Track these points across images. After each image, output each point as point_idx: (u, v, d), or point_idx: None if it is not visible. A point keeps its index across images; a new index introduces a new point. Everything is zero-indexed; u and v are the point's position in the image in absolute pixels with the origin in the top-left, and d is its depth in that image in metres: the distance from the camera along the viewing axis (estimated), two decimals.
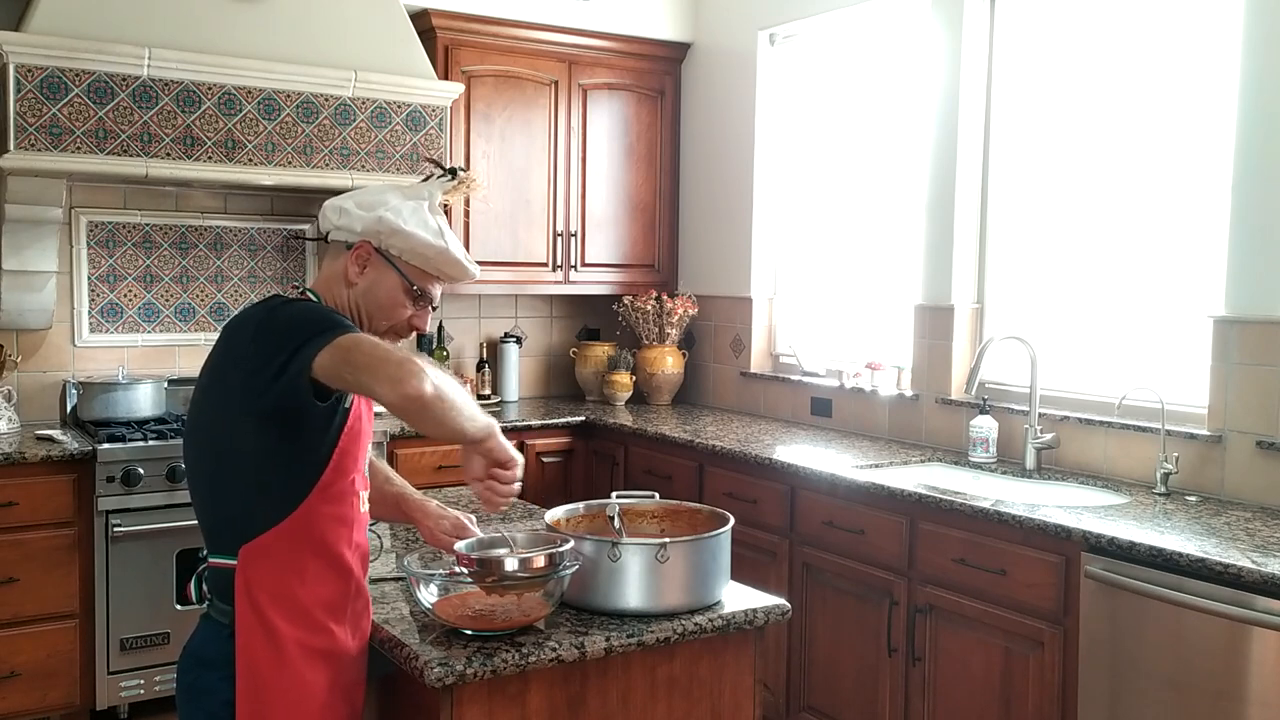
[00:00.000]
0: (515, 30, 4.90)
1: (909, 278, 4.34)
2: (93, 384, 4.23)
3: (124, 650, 3.81)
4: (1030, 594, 3.01)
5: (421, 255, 1.97)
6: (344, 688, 1.93)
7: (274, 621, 1.84)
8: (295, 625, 1.85)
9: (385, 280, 1.97)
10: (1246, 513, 3.09)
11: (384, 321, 1.99)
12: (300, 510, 1.85)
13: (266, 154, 4.09)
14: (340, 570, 1.91)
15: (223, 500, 1.88)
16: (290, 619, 1.85)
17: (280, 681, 1.84)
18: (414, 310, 2.01)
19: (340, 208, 1.98)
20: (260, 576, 1.84)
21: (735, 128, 5.11)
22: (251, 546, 1.84)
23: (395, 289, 1.98)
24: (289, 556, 1.85)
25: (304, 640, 1.86)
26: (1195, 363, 3.40)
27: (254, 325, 1.85)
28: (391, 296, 1.98)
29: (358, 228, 1.95)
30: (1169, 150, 3.56)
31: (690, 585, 2.08)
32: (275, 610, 1.84)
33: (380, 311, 1.98)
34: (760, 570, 3.79)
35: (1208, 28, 3.43)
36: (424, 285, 2.00)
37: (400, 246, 1.96)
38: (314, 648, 1.87)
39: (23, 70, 3.65)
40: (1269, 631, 2.48)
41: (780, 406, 4.87)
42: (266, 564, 1.84)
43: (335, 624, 1.90)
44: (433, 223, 1.99)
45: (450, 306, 5.22)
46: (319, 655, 1.88)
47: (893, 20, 4.47)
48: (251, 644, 1.84)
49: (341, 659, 1.92)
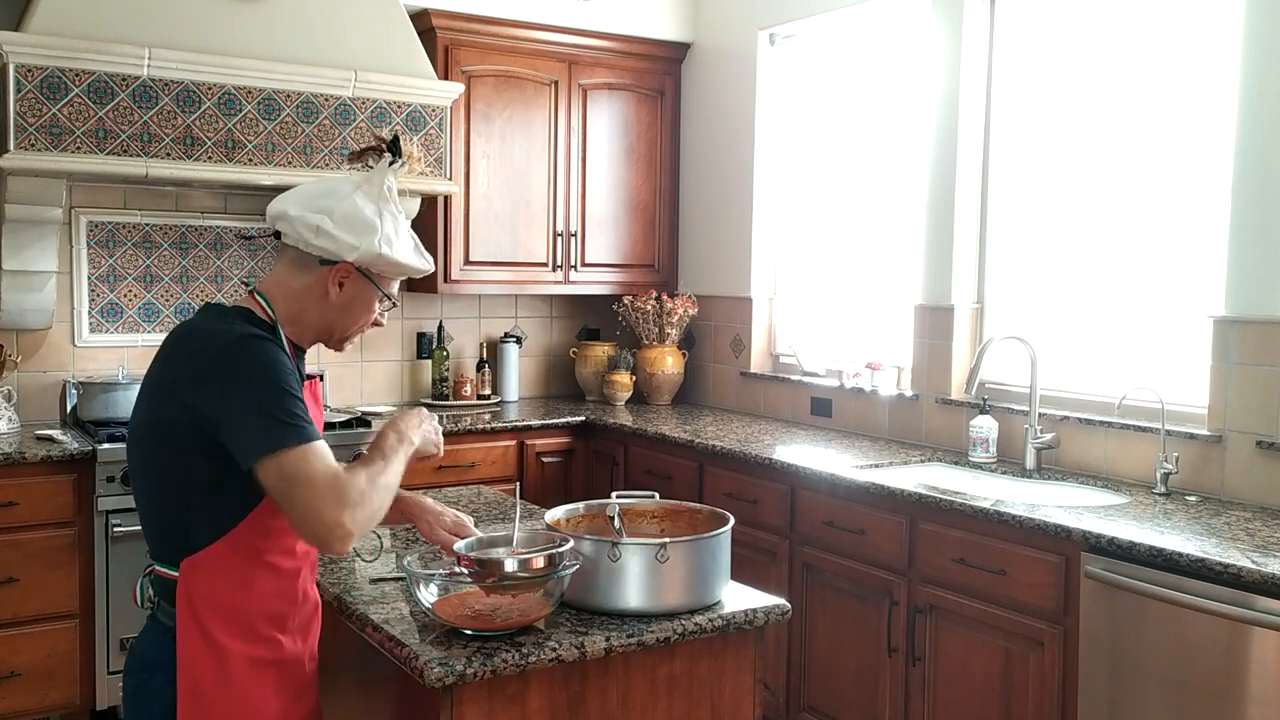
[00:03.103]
0: (515, 30, 4.90)
1: (909, 278, 4.34)
2: (93, 384, 4.23)
3: (124, 650, 3.80)
4: (1030, 594, 3.01)
5: (404, 273, 2.04)
6: (294, 691, 1.94)
7: (216, 636, 1.84)
8: (239, 639, 1.85)
9: (362, 294, 2.01)
10: (1246, 513, 3.09)
11: (353, 328, 2.05)
12: (242, 525, 1.84)
13: (266, 154, 4.09)
14: (286, 579, 1.92)
15: (164, 512, 1.87)
16: (234, 633, 1.85)
17: (226, 694, 1.84)
18: (379, 313, 2.08)
19: (318, 227, 1.92)
20: (202, 589, 1.83)
21: (735, 128, 5.11)
22: (193, 560, 1.83)
23: (370, 299, 2.03)
24: (232, 570, 1.85)
25: (248, 653, 1.86)
26: (1195, 363, 3.40)
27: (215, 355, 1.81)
28: (366, 306, 2.04)
29: (349, 256, 1.93)
30: (1169, 150, 3.56)
31: (690, 585, 2.08)
32: (217, 624, 1.84)
33: (352, 320, 2.04)
34: (760, 570, 3.79)
35: (1208, 28, 3.43)
36: (392, 291, 2.08)
37: (385, 269, 2.00)
38: (260, 659, 1.88)
39: (23, 70, 3.66)
40: (1269, 631, 2.48)
41: (780, 406, 4.87)
42: (208, 577, 1.83)
43: (281, 634, 1.91)
44: (410, 235, 2.05)
45: (450, 306, 5.22)
46: (266, 665, 1.89)
47: (893, 20, 4.47)
48: (193, 656, 1.83)
49: (289, 666, 1.93)
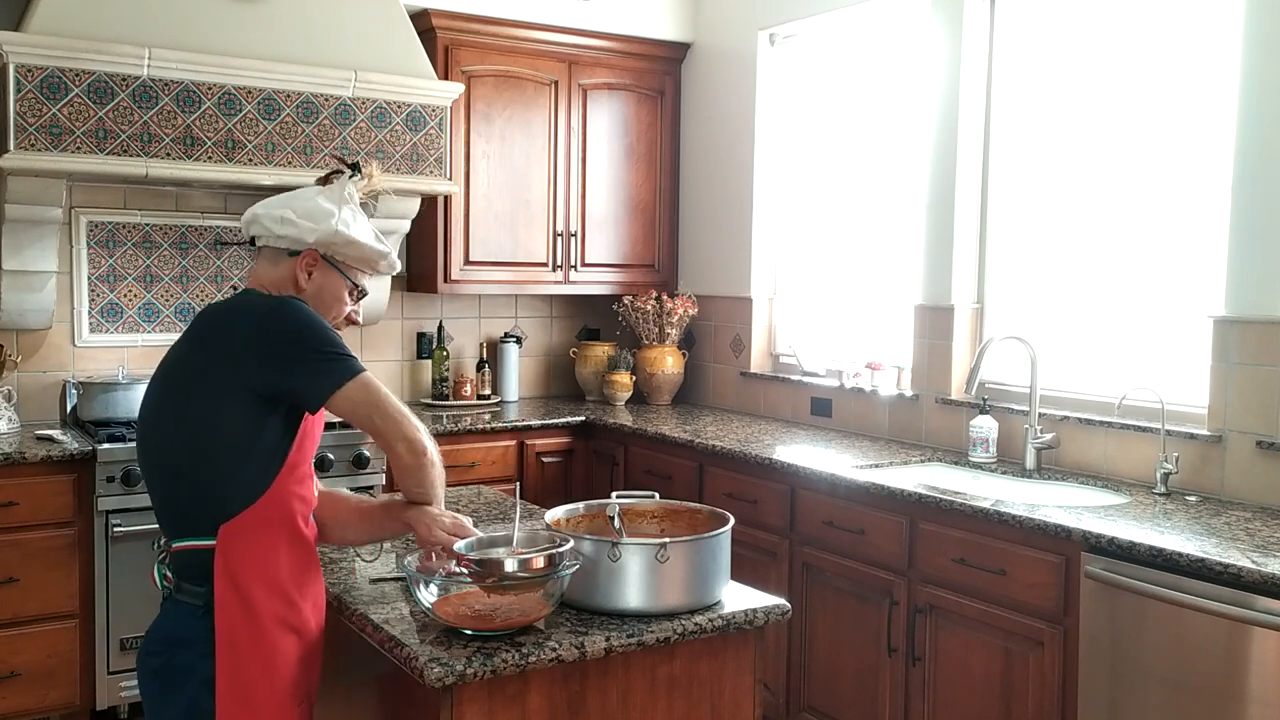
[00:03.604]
0: (515, 30, 4.90)
1: (909, 278, 4.34)
2: (93, 384, 4.23)
3: (124, 650, 3.81)
4: (1030, 594, 3.01)
5: (365, 259, 2.15)
6: (307, 660, 2.03)
7: (253, 596, 1.95)
8: (272, 599, 1.97)
9: (330, 283, 2.12)
10: (1246, 513, 3.09)
11: (327, 319, 2.11)
12: (273, 489, 1.97)
13: (266, 154, 4.09)
14: (305, 547, 2.05)
15: (200, 483, 1.96)
16: (268, 592, 1.97)
17: (259, 653, 1.95)
18: (351, 305, 2.18)
19: (282, 218, 2.08)
20: (240, 554, 1.95)
21: (735, 128, 5.11)
22: (231, 525, 1.94)
23: (339, 289, 2.14)
24: (264, 533, 1.97)
25: (278, 613, 1.98)
26: (1195, 363, 3.40)
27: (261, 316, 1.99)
28: (335, 295, 2.14)
29: (309, 239, 2.08)
30: (1169, 151, 3.56)
31: (690, 585, 2.08)
32: (255, 585, 1.95)
33: (324, 310, 2.11)
34: (760, 570, 3.79)
35: (1208, 28, 3.43)
36: (361, 281, 2.18)
37: (347, 253, 2.12)
38: (286, 620, 1.99)
39: (23, 70, 3.66)
40: (1269, 631, 2.48)
41: (780, 406, 4.87)
42: (245, 541, 1.95)
43: (301, 598, 2.03)
44: (370, 226, 2.17)
45: (450, 306, 5.23)
46: (290, 628, 2.00)
47: (893, 20, 4.47)
48: (231, 621, 1.94)
49: (304, 634, 2.03)
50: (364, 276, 2.17)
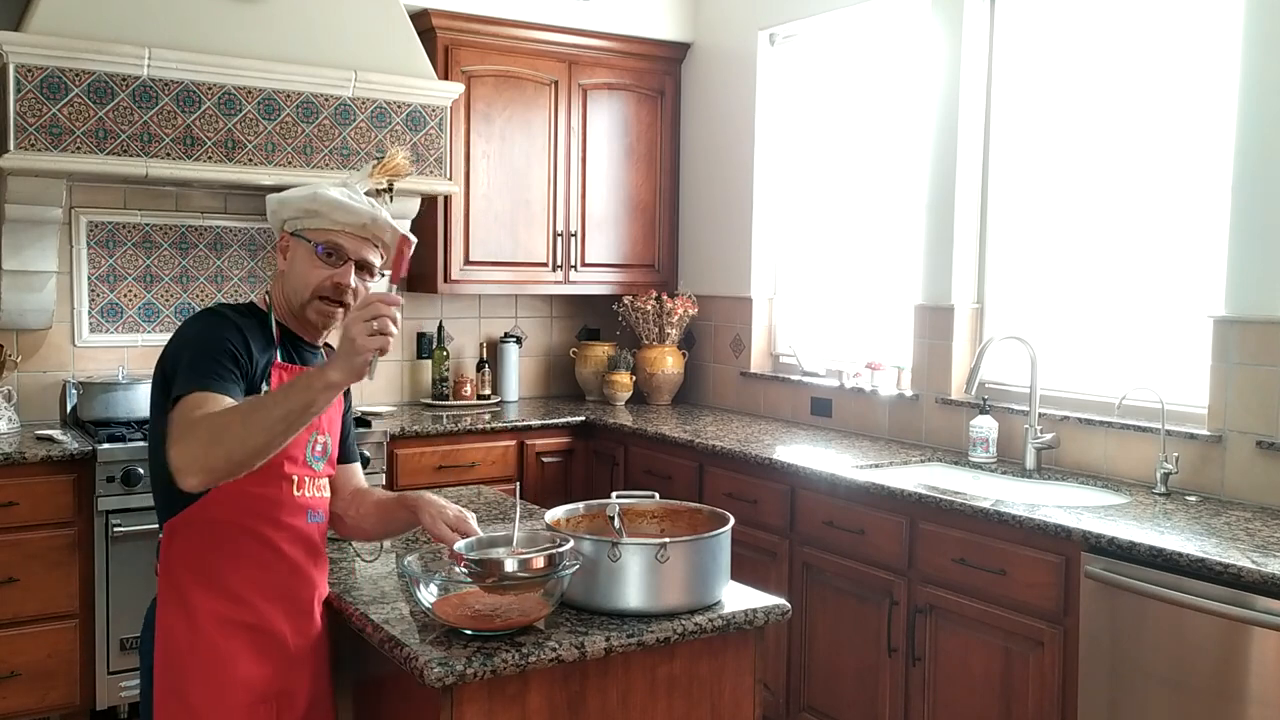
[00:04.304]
0: (515, 30, 4.90)
1: (909, 278, 4.34)
2: (93, 384, 4.23)
3: (124, 650, 3.80)
4: (1030, 594, 3.01)
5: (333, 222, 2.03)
6: (275, 663, 2.00)
7: (189, 593, 1.96)
8: (213, 597, 1.96)
9: (300, 252, 2.07)
10: (1246, 513, 3.09)
11: (306, 292, 2.06)
12: (222, 488, 1.91)
13: (266, 154, 4.09)
14: (268, 548, 2.01)
15: (155, 478, 2.02)
16: (207, 591, 1.96)
17: (195, 649, 1.95)
18: (330, 270, 2.04)
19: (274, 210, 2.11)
20: (181, 549, 1.98)
21: (735, 128, 5.11)
22: (174, 521, 1.98)
23: (307, 256, 2.05)
24: (211, 531, 1.97)
25: (221, 612, 1.96)
26: (1195, 363, 3.40)
27: (179, 327, 2.05)
28: (305, 264, 2.05)
29: (275, 224, 2.10)
30: (1169, 151, 3.56)
31: (690, 585, 2.08)
32: (192, 582, 1.96)
33: (301, 284, 2.06)
34: (760, 570, 3.79)
35: (1208, 28, 3.43)
36: (330, 240, 2.04)
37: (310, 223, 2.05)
38: (229, 618, 1.97)
39: (23, 70, 3.65)
40: (1269, 631, 2.48)
41: (780, 406, 4.87)
42: (184, 537, 1.98)
43: (263, 600, 2.00)
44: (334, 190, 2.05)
45: (450, 306, 5.22)
46: (236, 626, 1.97)
47: (893, 20, 4.47)
48: (168, 616, 1.97)
49: (265, 634, 2.00)
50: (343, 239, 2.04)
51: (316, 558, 2.10)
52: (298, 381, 1.80)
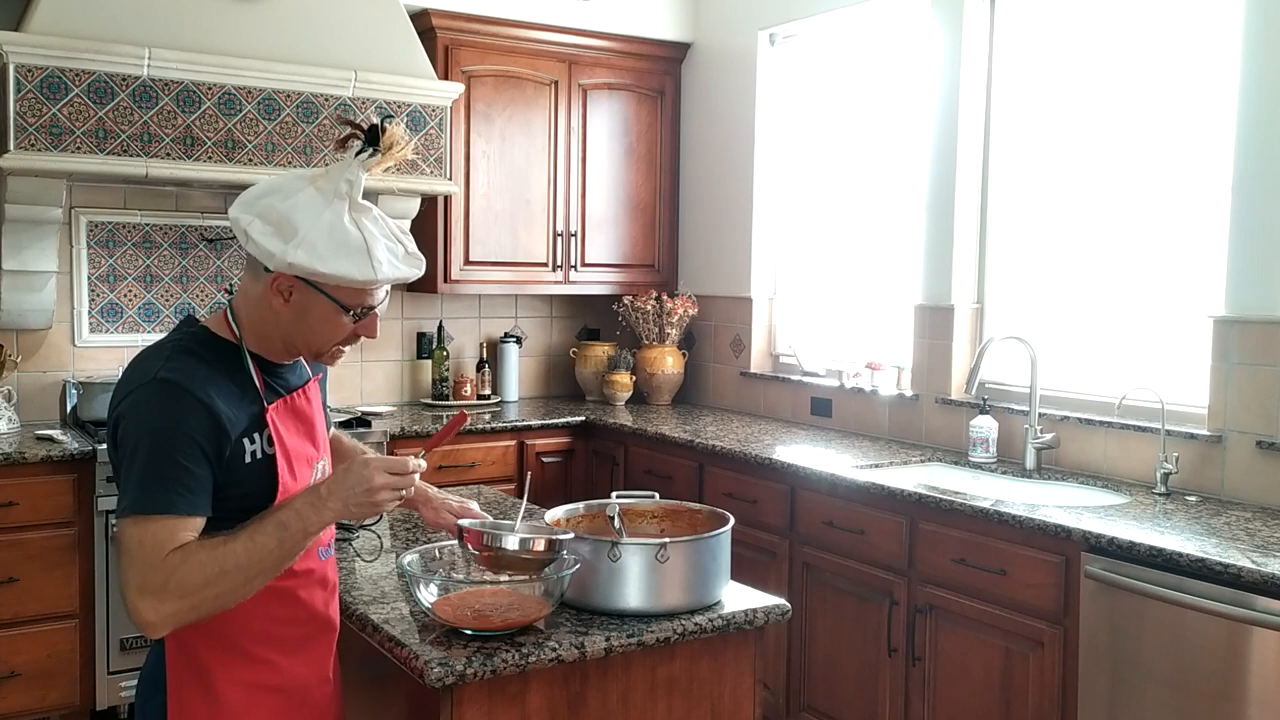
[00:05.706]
0: (515, 30, 4.90)
1: (909, 278, 4.34)
2: (93, 384, 4.23)
3: (124, 650, 3.81)
4: (1030, 594, 3.01)
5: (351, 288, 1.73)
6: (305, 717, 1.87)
7: (204, 657, 1.74)
8: (231, 662, 1.76)
9: (316, 307, 1.74)
10: (1246, 513, 3.09)
11: (317, 342, 1.79)
12: None
13: (266, 154, 4.09)
14: (279, 598, 1.79)
15: None
16: (223, 655, 1.75)
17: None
18: (356, 324, 1.78)
19: (245, 231, 1.70)
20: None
21: (735, 128, 5.11)
22: None
23: (327, 312, 1.75)
24: None
25: (244, 678, 1.77)
26: (1195, 363, 3.40)
27: (116, 404, 1.71)
28: (325, 319, 1.76)
29: (270, 264, 1.70)
30: (1169, 151, 3.56)
31: (690, 585, 2.08)
32: (203, 645, 1.74)
33: (317, 337, 1.78)
34: (760, 570, 3.79)
35: (1208, 28, 3.43)
36: (361, 303, 1.76)
37: (325, 281, 1.71)
38: (256, 684, 1.78)
39: (23, 70, 3.66)
40: (1269, 631, 2.48)
41: (780, 406, 4.87)
42: None
43: (280, 655, 1.81)
44: (355, 238, 1.70)
45: (450, 306, 5.22)
46: (265, 691, 1.79)
47: (893, 20, 4.47)
48: (181, 679, 1.74)
49: (293, 693, 1.84)
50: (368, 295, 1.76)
51: (330, 598, 1.93)
52: (290, 524, 1.64)
